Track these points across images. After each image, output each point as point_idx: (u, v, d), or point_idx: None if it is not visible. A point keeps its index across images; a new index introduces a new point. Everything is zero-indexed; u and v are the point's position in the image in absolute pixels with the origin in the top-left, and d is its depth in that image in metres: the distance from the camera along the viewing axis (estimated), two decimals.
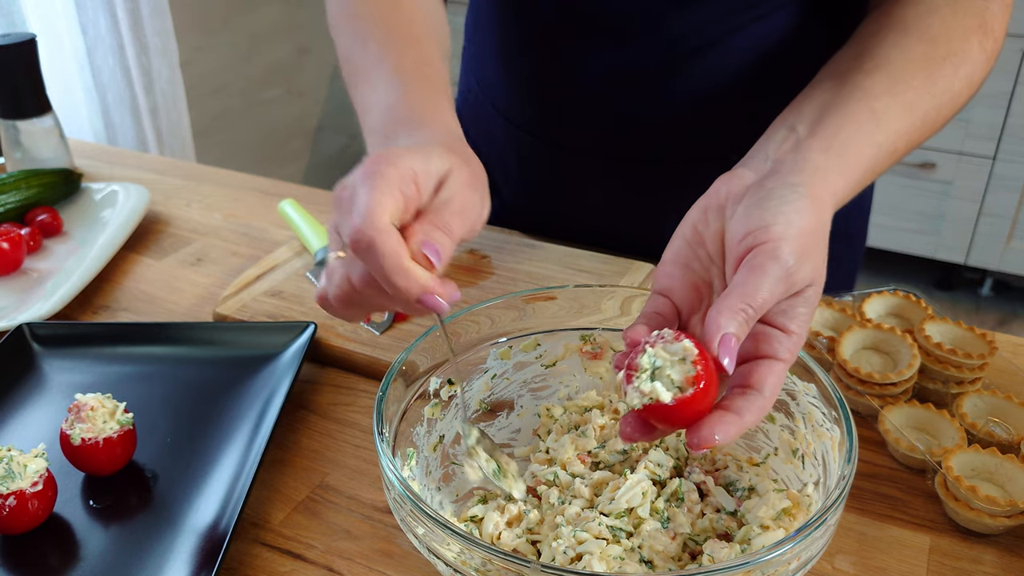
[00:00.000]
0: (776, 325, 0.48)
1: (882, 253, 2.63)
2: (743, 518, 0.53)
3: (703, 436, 0.44)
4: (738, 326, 0.45)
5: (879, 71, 0.59)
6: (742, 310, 0.45)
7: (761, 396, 0.46)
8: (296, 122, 2.82)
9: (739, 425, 0.45)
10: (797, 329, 0.48)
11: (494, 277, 0.83)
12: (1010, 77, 2.22)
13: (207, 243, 0.97)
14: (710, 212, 0.52)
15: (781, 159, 0.53)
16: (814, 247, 0.48)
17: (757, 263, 0.46)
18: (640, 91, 0.81)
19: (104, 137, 2.09)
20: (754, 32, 0.77)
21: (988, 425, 0.62)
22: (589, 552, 0.49)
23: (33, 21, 1.93)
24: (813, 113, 0.56)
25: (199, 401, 0.68)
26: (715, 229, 0.51)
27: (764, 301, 0.45)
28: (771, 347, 0.47)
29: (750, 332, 0.48)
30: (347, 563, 0.56)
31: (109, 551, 0.56)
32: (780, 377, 0.47)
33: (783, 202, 0.48)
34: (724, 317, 0.45)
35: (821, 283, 0.49)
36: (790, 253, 0.46)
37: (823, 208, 0.50)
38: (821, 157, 0.52)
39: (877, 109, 0.57)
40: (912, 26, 0.62)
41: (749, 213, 0.48)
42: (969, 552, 0.56)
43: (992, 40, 0.64)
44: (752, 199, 0.49)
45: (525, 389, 0.62)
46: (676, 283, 0.52)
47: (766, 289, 0.45)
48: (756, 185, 0.50)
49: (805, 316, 0.48)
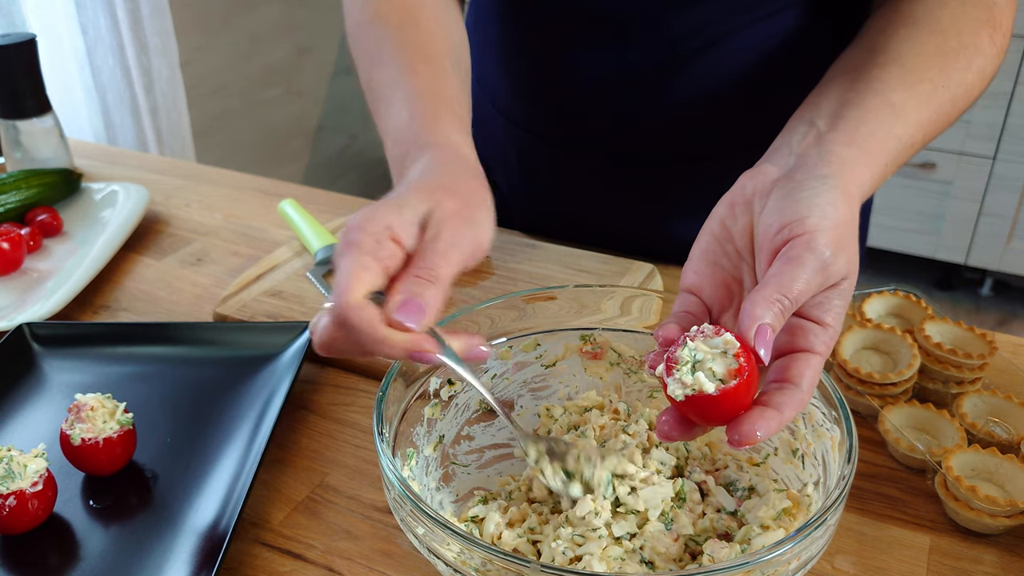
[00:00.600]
0: (811, 318, 0.47)
1: (882, 253, 2.63)
2: (743, 518, 0.53)
3: (744, 432, 0.43)
4: (774, 317, 0.44)
5: (893, 64, 0.59)
6: (777, 300, 0.45)
7: (799, 390, 0.45)
8: (296, 122, 2.82)
9: (779, 420, 0.44)
10: (832, 322, 0.48)
11: (494, 277, 0.83)
12: (1010, 77, 2.22)
13: (207, 243, 0.97)
14: (737, 208, 0.51)
15: (805, 153, 0.53)
16: (848, 239, 0.48)
17: (794, 255, 0.46)
18: (640, 91, 0.81)
19: (104, 137, 2.09)
20: (755, 33, 0.77)
21: (988, 425, 0.62)
22: (589, 553, 0.49)
23: (33, 21, 1.93)
24: (831, 107, 0.56)
25: (199, 401, 0.68)
26: (743, 224, 0.51)
27: (800, 293, 0.45)
28: (807, 340, 0.47)
29: (786, 328, 0.48)
30: (347, 563, 0.56)
31: (109, 551, 0.56)
32: (817, 370, 0.47)
33: (815, 194, 0.48)
34: (760, 308, 0.44)
35: (855, 275, 0.49)
36: (826, 245, 0.46)
37: (852, 200, 0.50)
38: (845, 150, 0.52)
39: (895, 101, 0.56)
40: (922, 20, 0.62)
41: (782, 206, 0.48)
42: (969, 552, 0.56)
43: (1001, 34, 0.64)
44: (782, 192, 0.49)
45: (525, 389, 0.62)
46: (705, 280, 0.52)
47: (803, 280, 0.45)
48: (784, 178, 0.50)
49: (840, 309, 0.48)
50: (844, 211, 0.48)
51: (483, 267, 0.84)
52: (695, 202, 0.69)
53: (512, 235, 0.92)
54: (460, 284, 0.81)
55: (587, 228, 0.93)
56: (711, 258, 0.52)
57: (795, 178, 0.50)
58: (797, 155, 0.53)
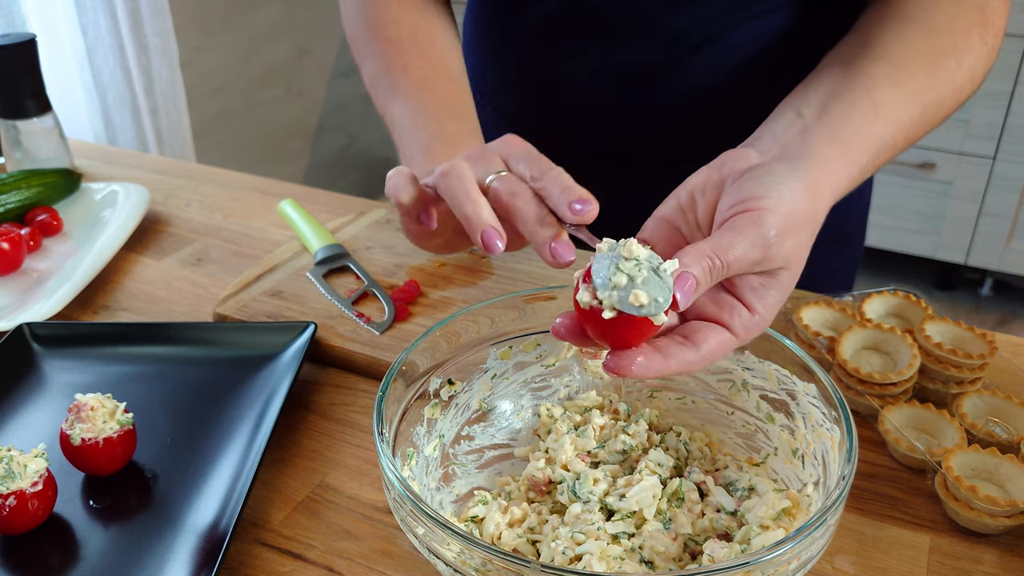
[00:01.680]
0: (743, 300, 0.48)
1: (882, 253, 2.63)
2: (743, 518, 0.53)
3: (621, 363, 0.44)
4: (701, 271, 0.45)
5: (882, 60, 0.59)
6: (708, 256, 0.45)
7: (695, 351, 0.46)
8: (296, 122, 2.82)
9: (661, 366, 0.45)
10: (762, 311, 0.48)
11: (494, 277, 0.83)
12: (1010, 77, 2.22)
13: (207, 243, 0.97)
14: (710, 183, 0.52)
15: (788, 144, 0.53)
16: (799, 230, 0.48)
17: (738, 225, 0.46)
18: (637, 90, 0.81)
19: (104, 137, 2.09)
20: (751, 30, 0.77)
21: (988, 425, 0.62)
22: (589, 552, 0.49)
23: (33, 21, 1.93)
24: (819, 99, 0.57)
25: (199, 401, 0.68)
26: (710, 199, 0.51)
27: (734, 259, 0.45)
28: (729, 317, 0.48)
29: (715, 299, 0.48)
30: (347, 563, 0.56)
31: (109, 551, 0.56)
32: (723, 345, 0.47)
33: (779, 179, 0.49)
34: (688, 256, 0.45)
35: (797, 270, 0.49)
36: (773, 225, 0.46)
37: (819, 196, 0.50)
38: (826, 146, 0.53)
39: (879, 99, 0.57)
40: (915, 17, 0.63)
41: (743, 185, 0.49)
42: (969, 552, 0.56)
43: (993, 34, 0.64)
44: (751, 175, 0.50)
45: (525, 389, 0.62)
46: (660, 237, 0.52)
47: (740, 248, 0.45)
48: (759, 165, 0.51)
49: (774, 301, 0.48)
50: (803, 202, 0.49)
51: (483, 267, 0.84)
52: None
53: None
54: (460, 284, 0.82)
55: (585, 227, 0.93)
56: (671, 221, 0.53)
57: (768, 166, 0.51)
58: (781, 145, 0.54)
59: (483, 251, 0.56)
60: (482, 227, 0.53)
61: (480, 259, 0.85)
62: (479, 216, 0.54)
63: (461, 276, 0.83)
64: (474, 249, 0.84)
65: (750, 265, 0.46)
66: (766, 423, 0.57)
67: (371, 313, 0.78)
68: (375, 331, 0.75)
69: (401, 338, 0.74)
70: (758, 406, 0.57)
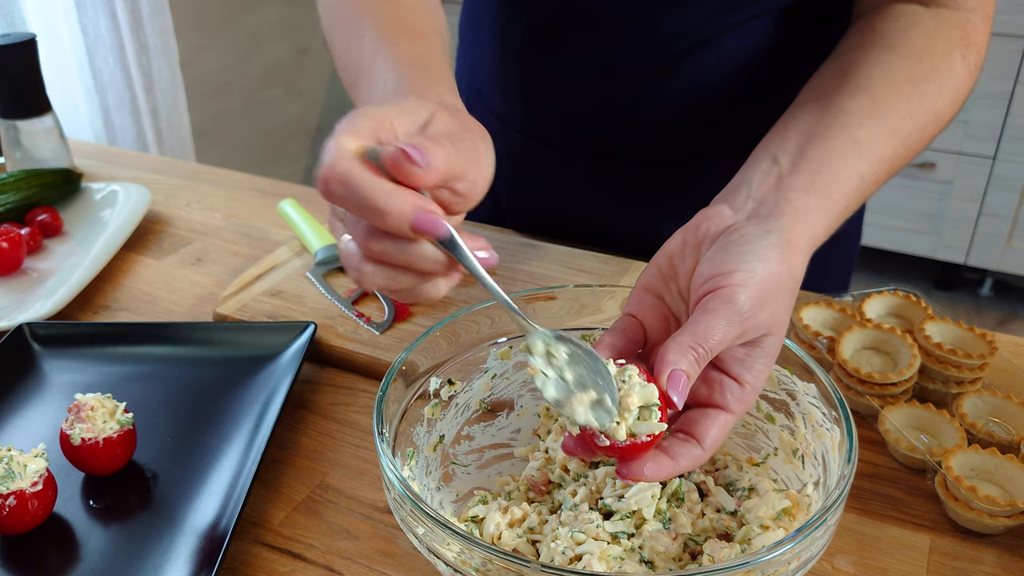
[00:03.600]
0: (731, 374, 0.48)
1: (882, 253, 2.63)
2: (743, 518, 0.53)
3: (633, 470, 0.46)
4: (688, 364, 0.45)
5: (863, 92, 0.58)
6: (691, 348, 0.45)
7: (699, 448, 0.47)
8: (296, 122, 2.83)
9: (671, 468, 0.46)
10: (752, 380, 0.48)
11: (494, 277, 0.82)
12: (1010, 77, 2.22)
13: (207, 243, 0.97)
14: (687, 247, 0.52)
15: (763, 199, 0.52)
16: (775, 296, 0.48)
17: (711, 307, 0.46)
18: (632, 91, 0.82)
19: (104, 137, 2.09)
20: (746, 32, 0.77)
21: (988, 425, 0.62)
22: (589, 552, 0.49)
23: (33, 21, 1.93)
24: (797, 141, 0.55)
25: (199, 401, 0.68)
26: (688, 266, 0.51)
27: (716, 343, 0.46)
28: (723, 397, 0.48)
29: (705, 378, 0.49)
30: (347, 563, 0.56)
31: (109, 551, 0.56)
32: (724, 429, 0.48)
33: (749, 249, 0.48)
34: (672, 354, 0.45)
35: (782, 333, 0.49)
36: (746, 300, 0.46)
37: (794, 255, 0.50)
38: (803, 198, 0.52)
39: (861, 138, 0.56)
40: (895, 41, 0.62)
41: (716, 257, 0.48)
42: (969, 552, 0.56)
43: (975, 53, 0.64)
44: (722, 242, 0.49)
45: (525, 389, 0.62)
46: (647, 309, 0.52)
47: (719, 331, 0.46)
48: (732, 228, 0.50)
49: (762, 368, 0.49)
50: (776, 267, 0.48)
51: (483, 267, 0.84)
52: (688, 201, 0.69)
53: (512, 235, 0.92)
54: (460, 284, 0.81)
55: (581, 227, 0.93)
56: (655, 291, 0.52)
57: (742, 229, 0.50)
58: (755, 200, 0.52)
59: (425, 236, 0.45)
60: (412, 213, 0.43)
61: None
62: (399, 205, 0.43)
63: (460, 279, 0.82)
64: None
65: (732, 341, 0.47)
66: (766, 423, 0.57)
67: (371, 313, 0.78)
68: (375, 331, 0.75)
69: (401, 338, 0.74)
70: (758, 406, 0.57)
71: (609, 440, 0.45)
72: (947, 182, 2.44)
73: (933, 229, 2.51)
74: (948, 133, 2.34)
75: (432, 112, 0.49)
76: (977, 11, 0.64)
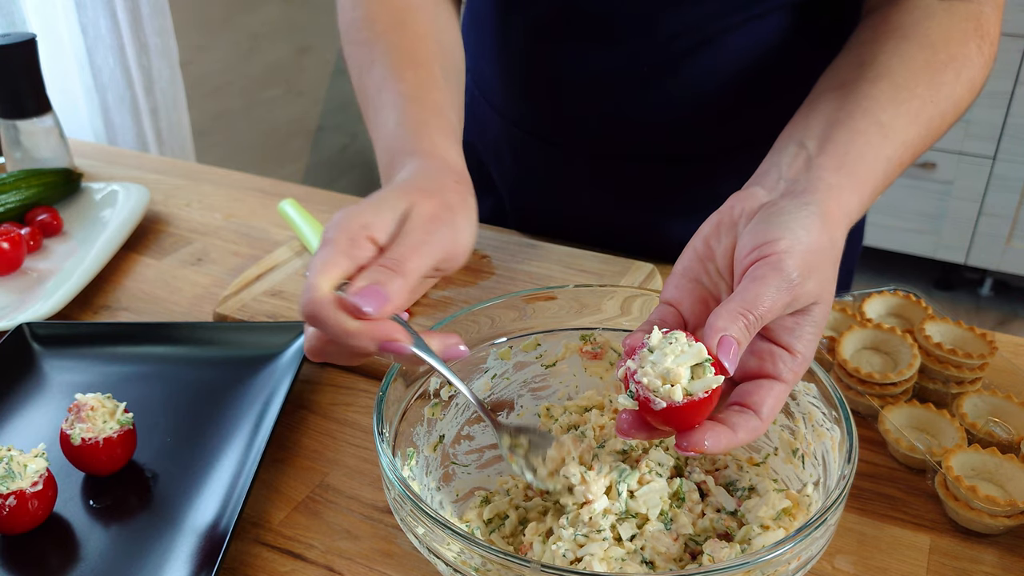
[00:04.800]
0: (781, 344, 0.48)
1: (882, 253, 2.63)
2: (743, 518, 0.53)
3: (693, 440, 0.44)
4: (739, 331, 0.45)
5: (882, 80, 0.59)
6: (741, 315, 0.45)
7: (757, 418, 0.46)
8: (296, 122, 2.82)
9: (730, 439, 0.45)
10: (803, 349, 0.48)
11: (494, 277, 0.83)
12: (1010, 77, 2.22)
13: (207, 243, 0.97)
14: (723, 228, 0.52)
15: (794, 179, 0.53)
16: (821, 264, 0.48)
17: (760, 274, 0.46)
18: (635, 90, 0.82)
19: (104, 137, 2.09)
20: (749, 32, 0.77)
21: (988, 425, 0.62)
22: (590, 553, 0.49)
23: (33, 21, 1.93)
24: (821, 127, 0.56)
25: (199, 401, 0.68)
26: (726, 245, 0.51)
27: (766, 310, 0.45)
28: (775, 367, 0.48)
29: (755, 350, 0.48)
30: (347, 563, 0.56)
31: (109, 551, 0.56)
32: (780, 399, 0.47)
33: (792, 218, 0.48)
34: (722, 320, 0.45)
35: (829, 301, 0.49)
36: (794, 267, 0.46)
37: (834, 227, 0.50)
38: (833, 176, 0.52)
39: (884, 121, 0.56)
40: (910, 32, 0.62)
41: (759, 228, 0.48)
42: (969, 552, 0.56)
43: (988, 43, 0.64)
44: (763, 215, 0.49)
45: (525, 389, 0.62)
46: (685, 295, 0.52)
47: (768, 298, 0.45)
48: (769, 203, 0.51)
49: (812, 336, 0.48)
50: (821, 237, 0.48)
51: (483, 267, 0.84)
52: (690, 201, 0.69)
53: (512, 235, 0.92)
54: (460, 284, 0.82)
55: (582, 226, 0.93)
56: (692, 275, 0.52)
57: (779, 204, 0.50)
58: (787, 180, 0.53)
59: None
60: (373, 345, 0.47)
61: (480, 259, 0.85)
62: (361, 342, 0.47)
63: (461, 276, 0.83)
64: None
65: (782, 309, 0.46)
66: None
67: None
68: None
69: None
70: None
71: (666, 403, 0.44)
72: (947, 182, 2.44)
73: (933, 229, 2.51)
74: (948, 133, 2.34)
75: (411, 203, 0.51)
76: (989, 2, 0.65)
